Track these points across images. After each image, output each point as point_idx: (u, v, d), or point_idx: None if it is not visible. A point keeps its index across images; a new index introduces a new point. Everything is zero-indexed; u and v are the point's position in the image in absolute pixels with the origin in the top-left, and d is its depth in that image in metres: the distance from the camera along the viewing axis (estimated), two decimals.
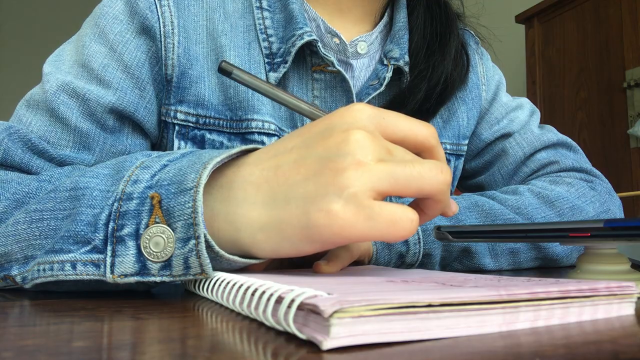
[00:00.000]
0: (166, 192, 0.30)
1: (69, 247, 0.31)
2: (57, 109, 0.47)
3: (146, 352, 0.17)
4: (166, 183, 0.31)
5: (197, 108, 0.52)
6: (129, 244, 0.30)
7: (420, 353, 0.16)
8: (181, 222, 0.30)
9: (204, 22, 0.54)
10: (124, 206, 0.31)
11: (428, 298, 0.18)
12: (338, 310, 0.17)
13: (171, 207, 0.30)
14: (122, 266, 0.30)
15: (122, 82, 0.50)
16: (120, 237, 0.30)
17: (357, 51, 0.59)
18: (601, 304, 0.23)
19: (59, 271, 0.31)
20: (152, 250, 0.30)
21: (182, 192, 0.30)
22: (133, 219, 0.30)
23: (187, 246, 0.29)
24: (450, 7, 0.65)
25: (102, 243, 0.31)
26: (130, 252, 0.30)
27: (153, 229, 0.30)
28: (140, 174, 0.32)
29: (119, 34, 0.50)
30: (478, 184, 0.71)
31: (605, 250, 0.36)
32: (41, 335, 0.20)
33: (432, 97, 0.59)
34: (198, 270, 0.30)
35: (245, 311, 0.23)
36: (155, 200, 0.30)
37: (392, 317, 0.18)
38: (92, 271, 0.31)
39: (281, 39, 0.55)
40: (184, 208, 0.30)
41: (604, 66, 1.73)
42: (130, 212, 0.31)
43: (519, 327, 0.20)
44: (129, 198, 0.31)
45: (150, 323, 0.22)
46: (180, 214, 0.30)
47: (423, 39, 0.60)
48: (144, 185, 0.31)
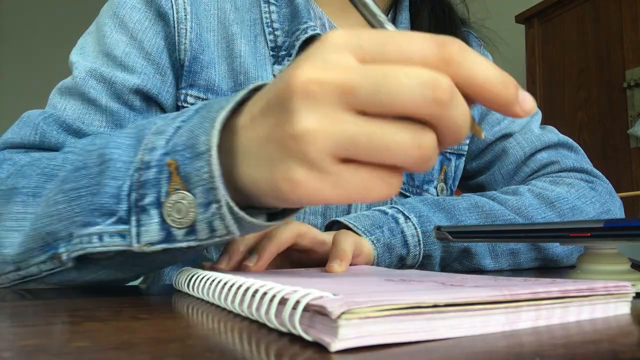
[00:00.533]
0: (181, 157, 0.30)
1: (95, 220, 0.32)
2: (87, 93, 0.50)
3: (146, 352, 0.17)
4: (181, 148, 0.30)
5: (207, 93, 0.54)
6: (152, 212, 0.30)
7: (425, 353, 0.17)
8: (200, 188, 0.29)
9: (215, 11, 0.55)
10: (144, 175, 0.31)
11: (434, 298, 0.18)
12: (346, 311, 0.17)
13: (188, 173, 0.29)
14: (148, 235, 0.31)
15: (144, 68, 0.52)
16: (143, 207, 0.31)
17: None
18: (599, 304, 0.23)
19: (87, 244, 0.32)
20: (175, 217, 0.30)
21: (197, 157, 0.29)
22: (153, 188, 0.30)
23: (210, 210, 0.29)
24: (454, 11, 0.65)
25: (126, 214, 0.31)
26: (154, 221, 0.30)
27: (174, 196, 0.30)
28: (156, 141, 0.31)
29: (138, 22, 0.52)
30: (479, 184, 0.71)
31: (605, 250, 0.36)
32: (41, 335, 0.20)
33: None
34: (224, 231, 0.30)
35: (246, 312, 0.23)
36: (172, 167, 0.30)
37: (398, 317, 0.18)
38: (119, 242, 0.31)
39: (286, 32, 0.56)
40: (200, 173, 0.29)
41: (604, 66, 1.73)
42: (149, 181, 0.31)
43: (521, 327, 0.20)
44: (147, 167, 0.31)
45: (150, 323, 0.22)
46: (198, 179, 0.29)
47: None
48: (160, 153, 0.31)
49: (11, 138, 0.47)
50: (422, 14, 0.62)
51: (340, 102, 0.24)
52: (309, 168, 0.25)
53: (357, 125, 0.24)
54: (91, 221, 0.32)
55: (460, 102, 0.24)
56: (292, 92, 0.24)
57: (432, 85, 0.23)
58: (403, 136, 0.24)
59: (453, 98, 0.23)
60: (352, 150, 0.24)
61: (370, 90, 0.23)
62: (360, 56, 0.24)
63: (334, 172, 0.24)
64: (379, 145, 0.24)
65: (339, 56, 0.24)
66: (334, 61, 0.24)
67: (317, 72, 0.24)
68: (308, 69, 0.24)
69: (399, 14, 0.63)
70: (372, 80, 0.23)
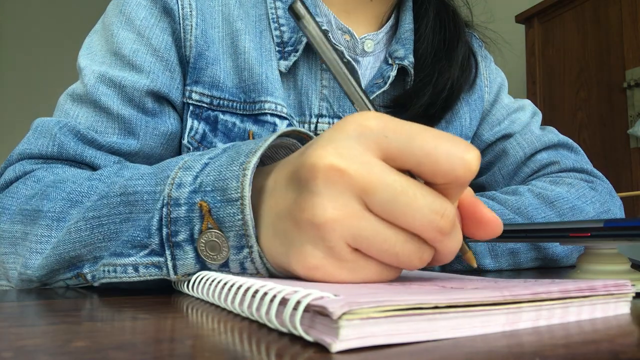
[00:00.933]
0: (212, 199, 0.30)
1: (128, 251, 0.32)
2: (99, 100, 0.50)
3: (146, 352, 0.17)
4: (210, 189, 0.30)
5: (212, 89, 0.54)
6: (186, 248, 0.31)
7: (425, 353, 0.16)
8: (233, 232, 0.29)
9: (220, 7, 0.56)
10: (174, 212, 0.31)
11: (435, 299, 0.18)
12: (347, 312, 0.17)
13: (221, 217, 0.30)
14: (184, 267, 0.31)
15: (153, 65, 0.52)
16: (177, 243, 0.31)
17: (364, 49, 0.60)
18: (599, 304, 0.23)
19: (122, 274, 0.32)
20: (209, 253, 0.30)
21: (229, 203, 0.29)
22: (186, 225, 0.31)
23: (242, 253, 0.30)
24: (458, 15, 0.66)
25: (159, 247, 0.31)
26: (189, 256, 0.31)
27: (207, 234, 0.30)
28: (184, 176, 0.32)
29: (145, 19, 0.53)
30: (479, 185, 0.71)
31: (605, 250, 0.36)
32: (41, 335, 0.20)
33: (438, 102, 0.60)
34: (254, 272, 0.30)
35: (246, 313, 0.23)
36: (204, 209, 0.30)
37: (399, 318, 0.18)
38: (155, 272, 0.32)
39: (292, 28, 0.56)
40: (234, 220, 0.29)
41: (604, 66, 1.73)
42: (181, 218, 0.31)
43: (521, 327, 0.20)
44: (176, 204, 0.31)
45: (150, 323, 0.22)
46: (231, 225, 0.29)
47: (431, 45, 0.61)
48: (188, 190, 0.31)
49: (28, 149, 0.47)
50: (427, 17, 0.63)
51: (359, 198, 0.25)
52: (326, 254, 0.26)
53: (374, 225, 0.25)
54: (123, 252, 0.32)
55: (458, 232, 0.27)
56: (314, 174, 0.25)
57: (441, 213, 0.25)
58: (411, 247, 0.26)
59: (454, 229, 0.26)
60: (365, 246, 0.26)
61: (387, 199, 0.25)
62: (384, 148, 0.25)
63: (350, 260, 0.26)
64: (389, 250, 0.25)
65: (363, 148, 0.25)
66: (358, 153, 0.25)
67: (340, 160, 0.25)
68: (331, 154, 0.25)
69: (402, 14, 0.63)
70: (391, 191, 0.25)
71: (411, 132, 0.25)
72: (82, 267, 0.35)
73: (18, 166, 0.46)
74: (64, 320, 0.24)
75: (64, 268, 0.36)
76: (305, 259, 0.26)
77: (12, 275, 0.40)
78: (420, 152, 0.25)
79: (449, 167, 0.24)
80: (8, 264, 0.40)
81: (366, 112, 0.26)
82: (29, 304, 0.30)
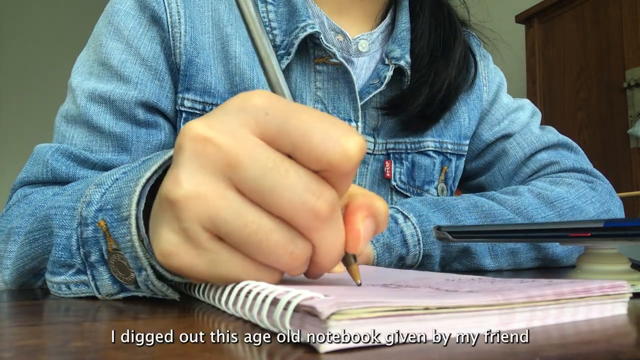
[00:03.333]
0: (110, 219, 0.28)
1: (58, 269, 0.32)
2: (91, 120, 0.51)
3: (146, 352, 0.17)
4: (110, 207, 0.29)
5: (204, 96, 0.54)
6: (100, 269, 0.30)
7: (416, 354, 0.16)
8: (128, 254, 0.28)
9: (210, 13, 0.55)
10: (85, 232, 0.30)
11: (425, 302, 0.18)
12: (336, 312, 0.16)
13: (116, 238, 0.28)
14: (104, 288, 0.30)
15: (142, 75, 0.52)
16: (92, 264, 0.30)
17: (358, 49, 0.60)
18: (595, 304, 0.23)
19: (58, 291, 0.32)
20: (120, 273, 0.29)
21: (121, 222, 0.28)
22: (95, 246, 0.30)
23: (142, 275, 0.28)
24: (454, 13, 0.65)
25: (82, 266, 0.31)
26: (105, 277, 0.30)
27: (114, 255, 0.29)
28: (93, 194, 0.30)
29: (133, 29, 0.53)
30: (479, 185, 0.71)
31: (605, 250, 0.36)
32: (41, 335, 0.20)
33: (435, 102, 0.59)
34: (162, 294, 0.29)
35: (239, 313, 0.23)
36: (104, 229, 0.29)
37: (389, 319, 0.18)
38: (85, 290, 0.31)
39: (284, 31, 0.56)
40: (125, 241, 0.27)
41: (604, 66, 1.73)
42: (89, 239, 0.30)
43: (515, 327, 0.20)
44: (85, 223, 0.30)
45: (150, 323, 0.22)
46: (125, 246, 0.28)
47: (427, 45, 0.61)
48: (94, 209, 0.30)
49: (26, 177, 0.49)
50: (422, 16, 0.62)
51: (224, 175, 0.22)
52: (181, 238, 0.23)
53: (235, 205, 0.22)
54: (54, 270, 0.32)
55: (338, 225, 0.23)
56: (181, 145, 0.23)
57: (317, 194, 0.22)
58: (278, 237, 0.22)
59: (332, 215, 0.22)
60: (224, 231, 0.22)
61: (255, 175, 0.22)
62: (262, 126, 0.22)
63: (209, 248, 0.23)
64: (251, 238, 0.22)
65: (239, 122, 0.22)
66: (234, 129, 0.22)
67: (209, 130, 0.22)
68: (203, 125, 0.22)
69: (398, 13, 0.63)
70: (260, 167, 0.21)
71: (291, 110, 0.22)
72: (44, 276, 0.35)
73: (20, 192, 0.48)
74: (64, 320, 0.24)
75: (30, 278, 0.37)
76: (160, 243, 0.23)
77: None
78: (295, 132, 0.22)
79: (323, 150, 0.21)
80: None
81: (255, 91, 0.23)
82: (28, 304, 0.30)
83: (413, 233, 0.49)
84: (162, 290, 0.28)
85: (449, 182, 0.66)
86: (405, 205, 0.52)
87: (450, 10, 0.65)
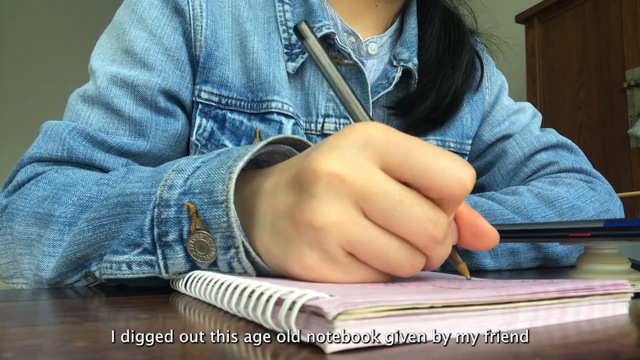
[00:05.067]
0: (199, 202, 0.31)
1: (123, 249, 0.33)
2: (111, 102, 0.51)
3: (146, 352, 0.17)
4: (198, 191, 0.31)
5: (221, 89, 0.55)
6: (176, 248, 0.32)
7: (421, 354, 0.16)
8: (219, 234, 0.30)
9: (230, 9, 0.57)
10: (164, 213, 0.32)
11: (431, 299, 0.18)
12: (342, 312, 0.16)
13: (207, 219, 0.30)
14: (175, 267, 0.32)
15: (164, 64, 0.53)
16: (167, 243, 0.32)
17: (368, 51, 0.61)
18: (597, 304, 0.23)
19: (117, 270, 0.33)
20: (198, 252, 0.31)
21: (215, 205, 0.30)
22: (175, 226, 0.31)
23: (229, 253, 0.30)
24: (463, 23, 0.67)
25: (151, 246, 0.32)
26: (179, 255, 0.32)
27: (196, 235, 0.31)
28: (175, 178, 0.32)
29: (156, 18, 0.54)
30: (479, 185, 0.71)
31: (605, 250, 0.36)
32: (41, 335, 0.20)
33: (441, 107, 0.61)
34: (242, 271, 0.31)
35: (243, 313, 0.23)
36: (192, 211, 0.31)
37: (395, 318, 0.18)
38: (148, 270, 0.32)
39: None
40: (219, 222, 0.30)
41: (604, 66, 1.73)
42: (170, 219, 0.31)
43: (519, 327, 0.20)
44: (167, 205, 0.32)
45: (150, 323, 0.22)
46: (217, 227, 0.30)
47: (435, 52, 0.63)
48: (178, 192, 0.32)
49: (39, 153, 0.48)
50: (432, 25, 0.64)
51: (357, 205, 0.26)
52: (321, 257, 0.27)
53: (370, 232, 0.26)
54: (119, 249, 0.33)
55: (448, 241, 0.28)
56: (316, 179, 0.26)
57: (435, 222, 0.26)
58: (403, 255, 0.26)
59: (445, 238, 0.27)
60: (360, 251, 0.26)
61: (385, 206, 0.25)
62: (385, 159, 0.26)
63: (344, 262, 0.27)
64: (382, 257, 0.26)
65: (365, 157, 0.26)
66: (360, 162, 0.26)
67: (342, 167, 0.26)
68: (334, 161, 0.26)
69: (406, 18, 0.64)
70: (390, 199, 0.25)
71: (412, 146, 0.26)
72: (90, 266, 0.36)
73: (30, 168, 0.47)
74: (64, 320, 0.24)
75: (71, 270, 0.37)
76: (302, 260, 0.27)
77: (27, 275, 0.41)
78: (418, 167, 0.26)
79: (444, 184, 0.25)
80: (23, 264, 0.41)
81: (370, 122, 0.27)
82: (28, 304, 0.30)
83: None
84: (246, 267, 0.30)
85: None
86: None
87: (459, 20, 0.66)
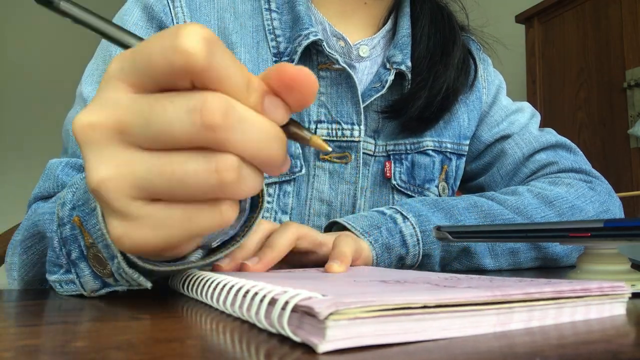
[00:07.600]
0: (82, 213, 0.30)
1: (52, 268, 0.34)
2: None
3: (146, 352, 0.17)
4: (81, 202, 0.31)
5: None
6: (82, 265, 0.32)
7: (415, 354, 0.16)
8: (101, 244, 0.29)
9: (215, 22, 0.56)
10: (63, 232, 0.32)
11: (423, 299, 0.18)
12: (334, 312, 0.16)
13: (89, 229, 0.30)
14: (88, 284, 0.32)
15: None
16: (73, 261, 0.32)
17: (359, 54, 0.61)
18: (594, 304, 0.23)
19: (58, 288, 0.34)
20: (98, 267, 0.31)
21: (91, 214, 0.29)
22: (74, 243, 0.31)
23: (114, 263, 0.29)
24: (454, 18, 0.66)
25: (67, 266, 0.32)
26: (86, 272, 0.32)
27: (91, 249, 0.30)
28: (67, 195, 0.32)
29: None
30: (478, 186, 0.71)
31: (605, 250, 0.36)
32: (41, 335, 0.20)
33: (434, 104, 0.60)
34: (135, 283, 0.29)
35: (237, 313, 0.23)
36: (78, 224, 0.30)
37: (387, 318, 0.17)
38: (74, 288, 0.33)
39: (288, 38, 0.57)
40: (96, 230, 0.29)
41: (604, 66, 1.73)
42: (68, 237, 0.31)
43: (513, 328, 0.20)
44: (62, 223, 0.32)
45: (150, 323, 0.22)
46: (96, 235, 0.29)
47: (427, 49, 0.62)
48: (68, 208, 0.32)
49: (39, 192, 0.50)
50: (421, 21, 0.63)
51: (119, 142, 0.22)
52: (120, 219, 0.23)
53: (144, 163, 0.22)
54: (50, 269, 0.34)
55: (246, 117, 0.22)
56: (78, 142, 0.23)
57: (198, 108, 0.21)
58: (194, 165, 0.22)
59: (229, 115, 0.21)
60: (151, 190, 0.22)
61: (141, 125, 0.22)
62: (136, 81, 0.22)
63: (145, 214, 0.23)
64: (171, 178, 0.22)
65: (113, 91, 0.23)
66: (108, 99, 0.23)
67: (90, 115, 0.22)
68: (83, 113, 0.23)
69: (400, 19, 0.64)
70: (142, 115, 0.22)
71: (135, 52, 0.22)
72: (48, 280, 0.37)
73: (34, 207, 0.49)
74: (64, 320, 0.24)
75: (37, 285, 0.39)
76: (110, 232, 0.24)
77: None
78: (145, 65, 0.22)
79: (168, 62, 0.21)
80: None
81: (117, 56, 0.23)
82: (29, 304, 0.30)
83: (412, 233, 0.49)
84: (133, 277, 0.28)
85: (450, 182, 0.66)
86: (405, 206, 0.52)
87: (449, 15, 0.66)
